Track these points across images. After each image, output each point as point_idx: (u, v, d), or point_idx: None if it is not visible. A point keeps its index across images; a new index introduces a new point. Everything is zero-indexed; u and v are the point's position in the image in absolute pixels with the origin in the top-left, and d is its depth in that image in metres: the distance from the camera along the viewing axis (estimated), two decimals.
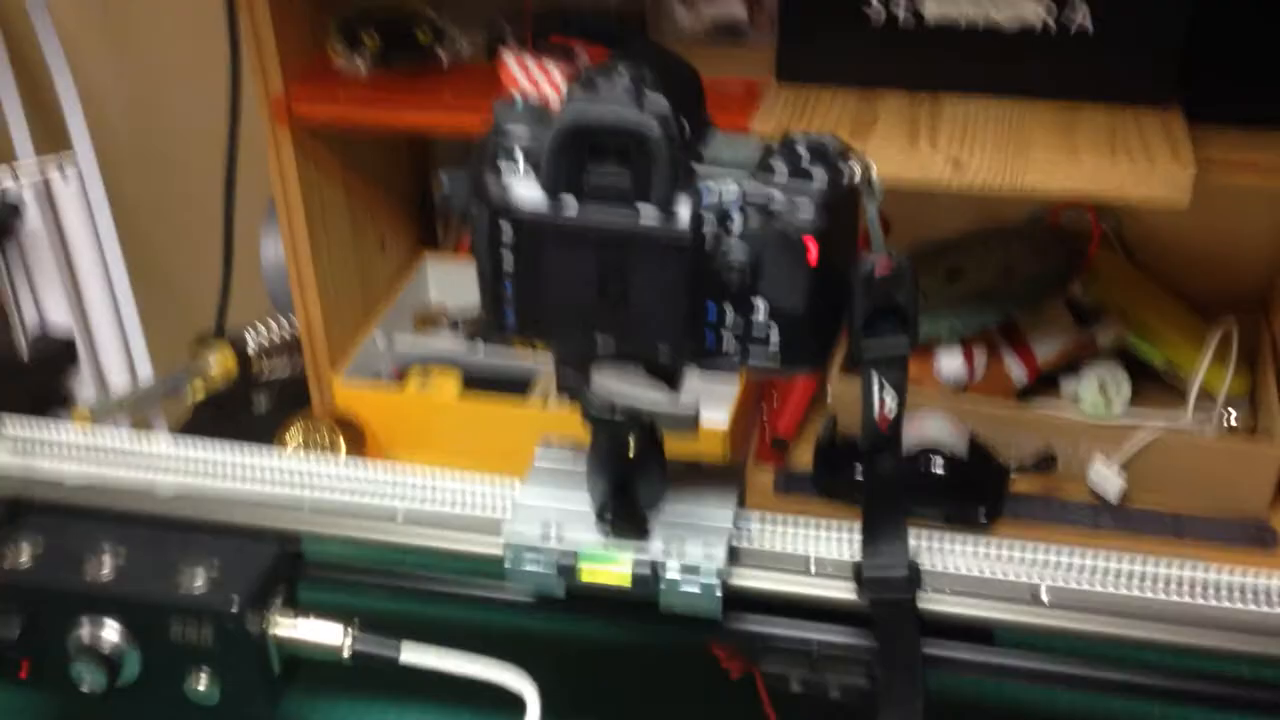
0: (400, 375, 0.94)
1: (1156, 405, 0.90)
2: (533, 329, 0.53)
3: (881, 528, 0.55)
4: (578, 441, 0.62)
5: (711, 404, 0.86)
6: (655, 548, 0.57)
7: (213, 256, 0.91)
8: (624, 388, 0.52)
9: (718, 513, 0.59)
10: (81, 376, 0.87)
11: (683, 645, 0.70)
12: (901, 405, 0.52)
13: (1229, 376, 0.87)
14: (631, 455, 0.54)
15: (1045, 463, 0.87)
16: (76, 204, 0.84)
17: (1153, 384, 0.92)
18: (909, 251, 0.96)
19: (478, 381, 0.93)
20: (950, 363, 0.90)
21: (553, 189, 0.49)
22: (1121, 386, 0.91)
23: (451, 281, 1.02)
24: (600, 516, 0.57)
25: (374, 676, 0.73)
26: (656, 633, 0.70)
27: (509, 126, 0.50)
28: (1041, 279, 0.91)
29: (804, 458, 0.91)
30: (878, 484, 0.54)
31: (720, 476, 0.61)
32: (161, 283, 1.04)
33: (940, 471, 0.84)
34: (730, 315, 0.50)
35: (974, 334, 0.89)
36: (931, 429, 0.86)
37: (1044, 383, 0.92)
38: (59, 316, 0.86)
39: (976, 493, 0.86)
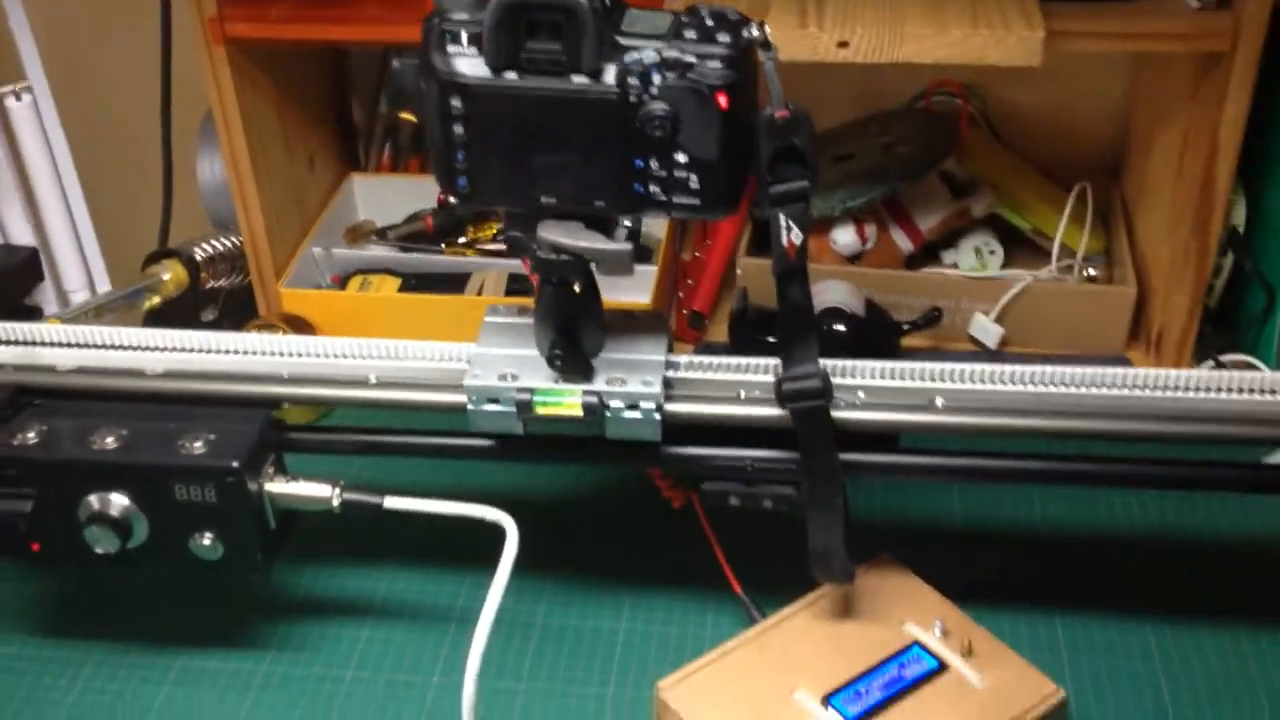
0: (340, 283, 1.00)
1: (1026, 265, 1.01)
2: (483, 193, 0.60)
3: (796, 346, 0.64)
4: (522, 305, 0.70)
5: (632, 286, 0.95)
6: (600, 382, 0.65)
7: (155, 175, 0.95)
8: (566, 237, 0.60)
9: (652, 351, 0.67)
10: (45, 291, 0.91)
11: (632, 481, 0.78)
12: (806, 237, 0.61)
13: (1086, 233, 0.99)
14: (576, 291, 0.62)
15: (932, 318, 0.97)
16: (32, 127, 0.88)
17: (1022, 247, 1.03)
18: None
19: (414, 284, 0.99)
20: (844, 236, 1.00)
21: (495, 64, 0.56)
22: (995, 250, 1.02)
23: (378, 198, 1.08)
24: (550, 361, 0.65)
25: (360, 537, 0.80)
26: (608, 465, 0.78)
27: (451, 10, 0.57)
28: (920, 157, 1.01)
29: (719, 332, 1.00)
30: (790, 307, 0.63)
31: (651, 322, 0.70)
32: (110, 202, 1.07)
33: (841, 329, 0.94)
34: (655, 166, 0.58)
35: (862, 209, 0.99)
36: (832, 294, 0.95)
37: (928, 252, 1.03)
38: (20, 235, 0.90)
39: (874, 348, 0.95)
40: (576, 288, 0.62)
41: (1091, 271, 0.99)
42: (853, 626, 0.71)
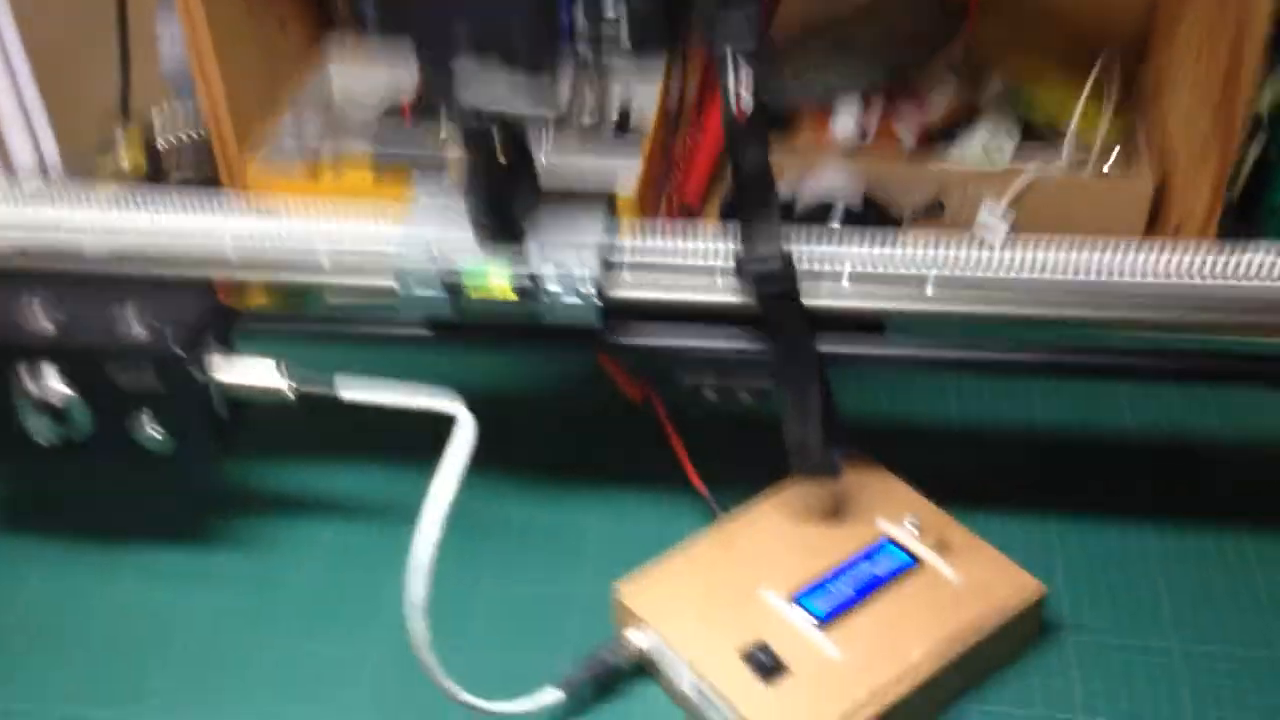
0: (311, 165, 0.95)
1: (1039, 156, 0.94)
2: (392, 21, 0.54)
3: (754, 221, 0.59)
4: (454, 183, 0.65)
5: (617, 178, 0.90)
6: (534, 259, 0.60)
7: (110, 40, 0.89)
8: (486, 96, 0.54)
9: (588, 228, 0.62)
10: None
11: (592, 376, 0.74)
12: (758, 95, 0.55)
13: (1105, 117, 0.92)
14: (501, 161, 0.57)
15: (934, 209, 0.91)
16: None
17: (1034, 140, 0.96)
18: (801, 28, 0.99)
19: (388, 169, 0.95)
20: (843, 127, 0.94)
21: None
22: (1005, 139, 0.95)
23: (355, 78, 1.03)
24: (476, 223, 0.60)
25: (318, 433, 0.76)
26: (556, 350, 0.74)
27: None
28: (926, 41, 0.95)
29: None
30: (744, 176, 0.57)
31: (589, 199, 0.64)
32: (62, 72, 1.01)
33: (836, 225, 0.89)
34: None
35: (865, 87, 0.93)
36: (828, 182, 0.90)
37: (934, 144, 0.96)
38: None
39: None
40: (501, 153, 0.57)
41: (1110, 161, 0.92)
42: (821, 523, 0.67)
